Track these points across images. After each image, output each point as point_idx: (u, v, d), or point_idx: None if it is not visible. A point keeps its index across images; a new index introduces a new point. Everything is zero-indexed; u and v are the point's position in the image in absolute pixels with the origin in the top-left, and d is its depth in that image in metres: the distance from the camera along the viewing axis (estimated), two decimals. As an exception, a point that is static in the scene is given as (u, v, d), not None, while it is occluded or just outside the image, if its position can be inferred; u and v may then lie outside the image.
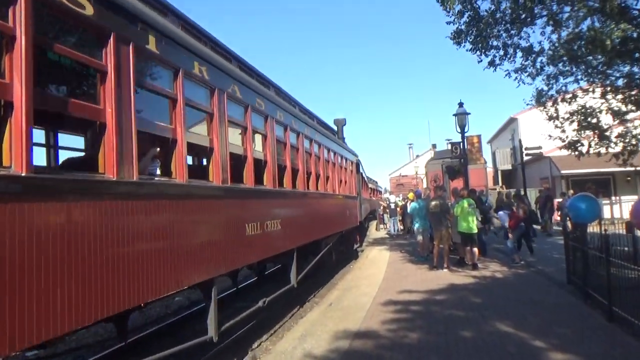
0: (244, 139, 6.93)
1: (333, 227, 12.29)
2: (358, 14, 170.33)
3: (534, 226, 15.81)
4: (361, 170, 19.68)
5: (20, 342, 2.96)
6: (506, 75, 12.21)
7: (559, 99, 12.68)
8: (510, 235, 12.28)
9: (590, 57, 10.85)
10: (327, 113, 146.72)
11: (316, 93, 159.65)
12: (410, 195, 22.90)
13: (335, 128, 16.76)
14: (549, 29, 11.32)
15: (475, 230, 11.50)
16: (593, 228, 8.44)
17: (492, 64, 11.96)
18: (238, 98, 6.53)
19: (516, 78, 12.12)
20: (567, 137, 13.15)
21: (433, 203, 11.98)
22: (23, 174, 3.06)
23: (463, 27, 11.32)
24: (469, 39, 11.39)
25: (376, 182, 41.51)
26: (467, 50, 11.69)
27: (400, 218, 24.31)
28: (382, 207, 31.85)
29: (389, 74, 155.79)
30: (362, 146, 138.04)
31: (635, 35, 9.21)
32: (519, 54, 11.73)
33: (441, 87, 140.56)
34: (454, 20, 11.35)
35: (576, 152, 13.09)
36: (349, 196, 15.10)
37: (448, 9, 10.66)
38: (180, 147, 4.96)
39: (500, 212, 13.74)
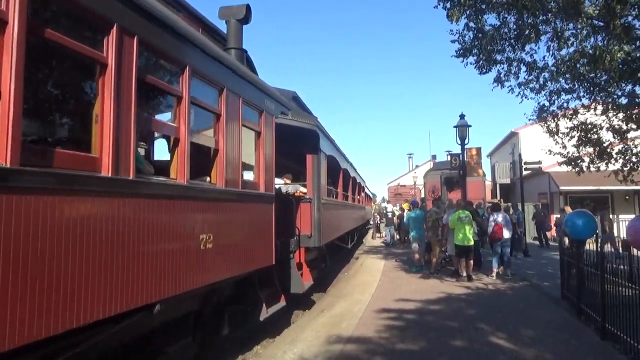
0: None
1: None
2: (359, 20, 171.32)
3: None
4: (323, 149, 10.03)
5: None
6: (509, 91, 12.22)
7: (560, 115, 12.70)
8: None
9: (593, 75, 10.89)
10: (325, 118, 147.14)
11: (315, 99, 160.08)
12: (405, 205, 22.93)
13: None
14: (553, 45, 11.36)
15: (471, 243, 11.50)
16: (589, 245, 8.47)
17: (498, 80, 11.97)
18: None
19: (519, 94, 12.13)
20: (567, 152, 13.18)
21: (429, 214, 12.31)
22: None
23: (467, 44, 11.33)
24: (473, 52, 11.40)
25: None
26: (470, 64, 11.71)
27: (397, 227, 24.26)
28: (378, 216, 31.77)
29: (391, 83, 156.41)
30: (362, 155, 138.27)
31: (638, 55, 9.25)
32: (523, 69, 11.76)
33: (443, 98, 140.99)
34: (458, 38, 11.40)
35: (576, 169, 13.11)
36: (242, 194, 6.13)
37: (452, 21, 10.69)
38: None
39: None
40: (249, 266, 6.34)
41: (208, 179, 5.48)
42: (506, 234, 12.10)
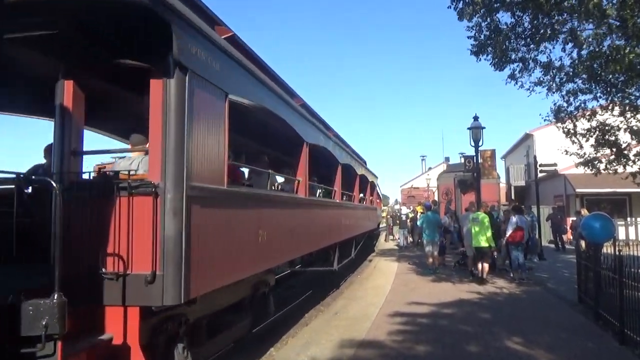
0: None
1: None
2: (374, 22, 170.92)
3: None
4: (197, 71, 3.94)
5: None
6: (519, 87, 12.17)
7: (578, 115, 12.58)
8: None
9: (610, 76, 10.74)
10: (339, 121, 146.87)
11: (330, 100, 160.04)
12: (419, 208, 22.76)
13: None
14: (569, 45, 11.26)
15: (486, 245, 11.39)
16: (607, 249, 8.34)
17: (512, 77, 11.98)
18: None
19: (529, 88, 12.11)
20: (584, 153, 13.02)
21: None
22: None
23: (483, 40, 11.31)
24: (488, 51, 11.37)
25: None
26: (485, 59, 11.68)
27: (410, 230, 24.12)
28: (390, 219, 31.66)
29: (404, 84, 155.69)
30: (375, 156, 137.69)
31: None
32: (538, 69, 11.71)
33: (457, 99, 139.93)
34: (475, 35, 11.36)
35: (593, 170, 12.95)
36: None
37: (464, 19, 10.68)
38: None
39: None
40: None
41: None
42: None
